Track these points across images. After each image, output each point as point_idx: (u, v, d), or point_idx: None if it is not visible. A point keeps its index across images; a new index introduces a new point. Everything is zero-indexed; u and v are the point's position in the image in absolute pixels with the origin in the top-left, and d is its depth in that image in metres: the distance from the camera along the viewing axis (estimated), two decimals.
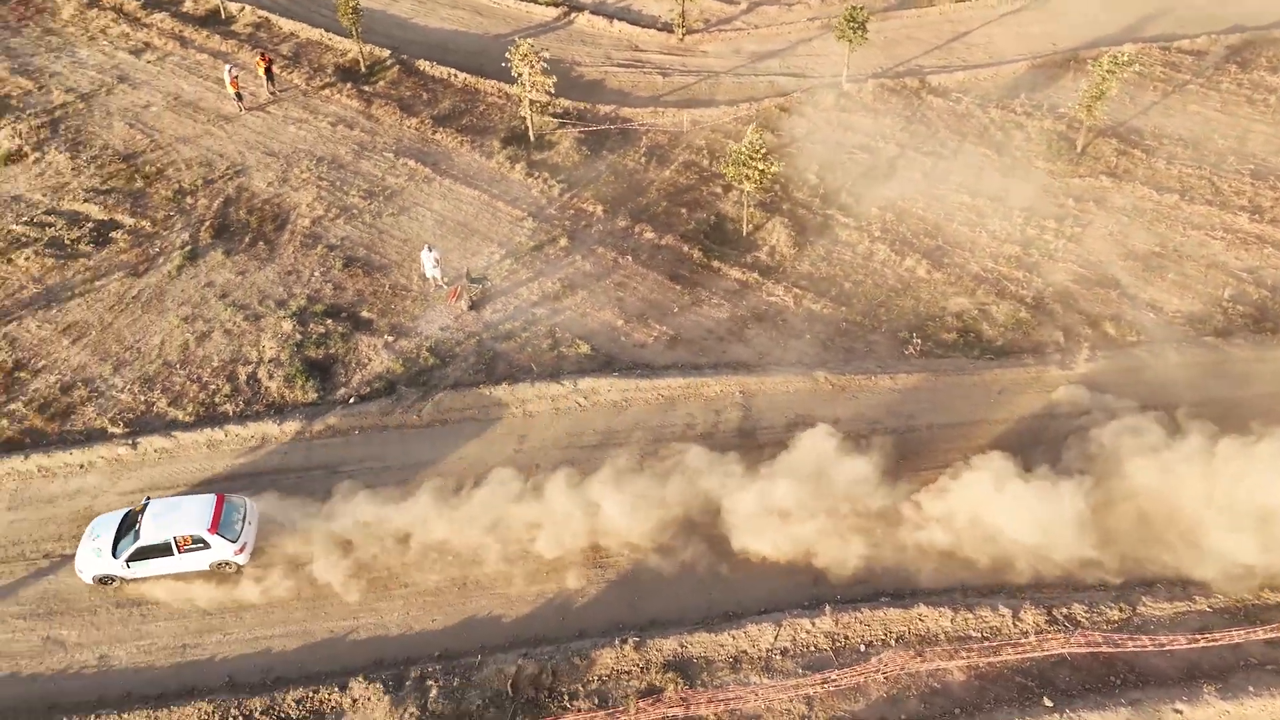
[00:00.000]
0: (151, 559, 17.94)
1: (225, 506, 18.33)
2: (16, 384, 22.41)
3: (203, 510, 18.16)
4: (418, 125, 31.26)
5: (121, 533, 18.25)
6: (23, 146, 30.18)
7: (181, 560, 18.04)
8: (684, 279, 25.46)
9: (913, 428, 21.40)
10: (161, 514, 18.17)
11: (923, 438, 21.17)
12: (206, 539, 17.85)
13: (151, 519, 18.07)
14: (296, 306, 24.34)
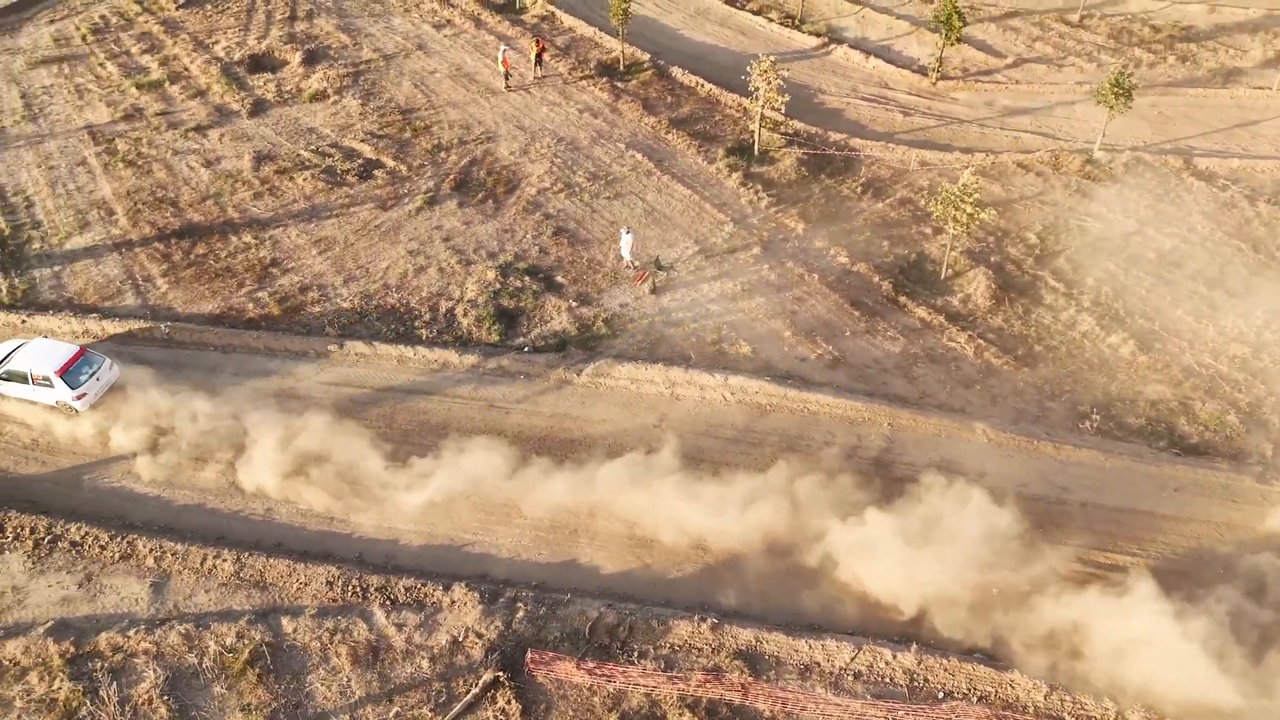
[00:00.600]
0: (14, 383, 21.36)
1: (80, 360, 21.29)
2: (268, 277, 26.35)
3: (59, 356, 21.25)
4: (655, 124, 33.19)
5: (3, 358, 21.54)
6: (327, 89, 35.25)
7: (34, 392, 21.27)
8: (865, 307, 25.35)
9: (1064, 501, 20.11)
10: (33, 351, 21.49)
11: (1072, 513, 19.84)
12: (51, 380, 20.90)
13: (23, 353, 21.48)
14: (504, 260, 26.78)
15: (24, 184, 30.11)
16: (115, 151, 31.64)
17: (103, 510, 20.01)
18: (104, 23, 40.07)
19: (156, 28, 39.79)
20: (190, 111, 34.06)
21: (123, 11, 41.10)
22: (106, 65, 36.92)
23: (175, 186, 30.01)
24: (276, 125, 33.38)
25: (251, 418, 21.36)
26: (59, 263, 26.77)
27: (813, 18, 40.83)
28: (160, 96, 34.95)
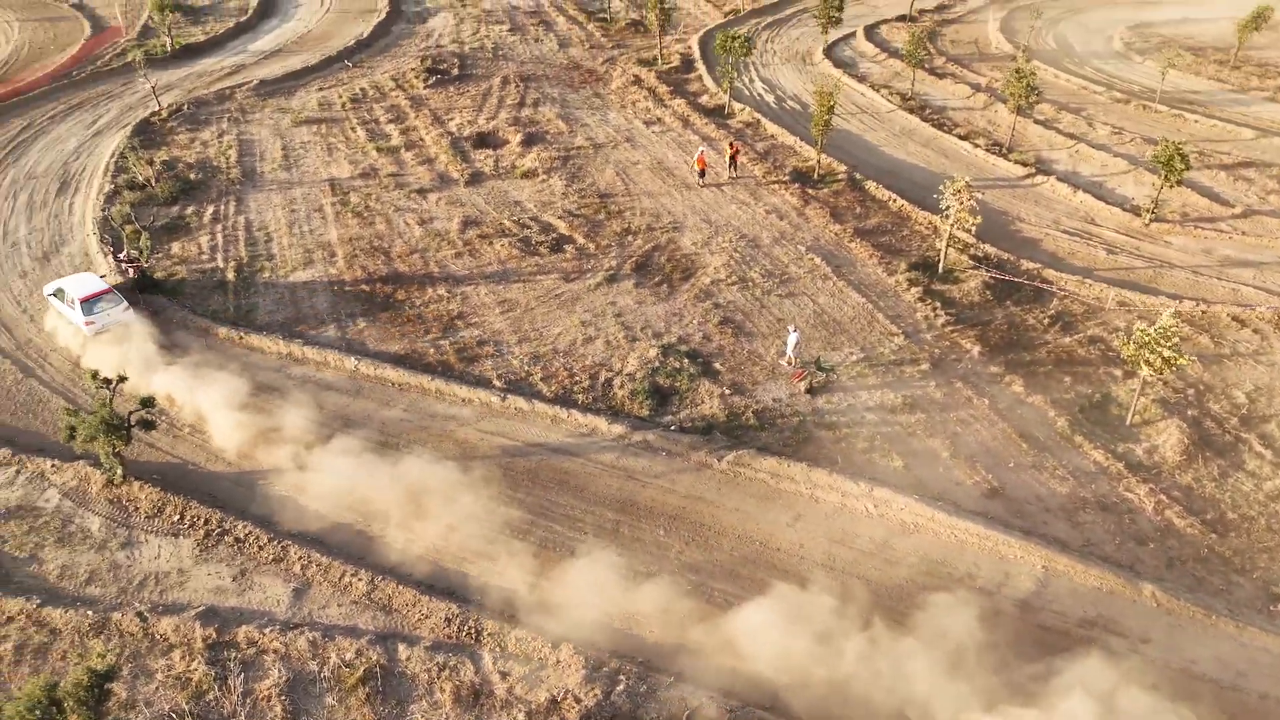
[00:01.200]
0: (60, 301, 26.79)
1: (102, 295, 26.25)
2: (452, 328, 28.32)
3: (88, 288, 26.37)
4: (839, 231, 33.38)
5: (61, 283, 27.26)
6: (538, 169, 38.04)
7: (69, 311, 26.39)
8: (1035, 441, 23.90)
9: (1240, 688, 17.73)
10: (75, 281, 26.98)
11: (1249, 704, 17.44)
12: (76, 304, 25.94)
13: (70, 280, 27.07)
14: (667, 341, 27.46)
15: (268, 221, 34.17)
16: (347, 203, 35.40)
17: (267, 513, 21.76)
18: (362, 94, 45.44)
19: (405, 102, 44.66)
20: (417, 176, 37.68)
21: (380, 86, 46.47)
22: (356, 129, 41.70)
23: (390, 238, 33.08)
24: (487, 195, 36.27)
25: (411, 461, 22.70)
26: (280, 292, 30.01)
27: (1022, 148, 40.08)
28: (395, 160, 38.95)
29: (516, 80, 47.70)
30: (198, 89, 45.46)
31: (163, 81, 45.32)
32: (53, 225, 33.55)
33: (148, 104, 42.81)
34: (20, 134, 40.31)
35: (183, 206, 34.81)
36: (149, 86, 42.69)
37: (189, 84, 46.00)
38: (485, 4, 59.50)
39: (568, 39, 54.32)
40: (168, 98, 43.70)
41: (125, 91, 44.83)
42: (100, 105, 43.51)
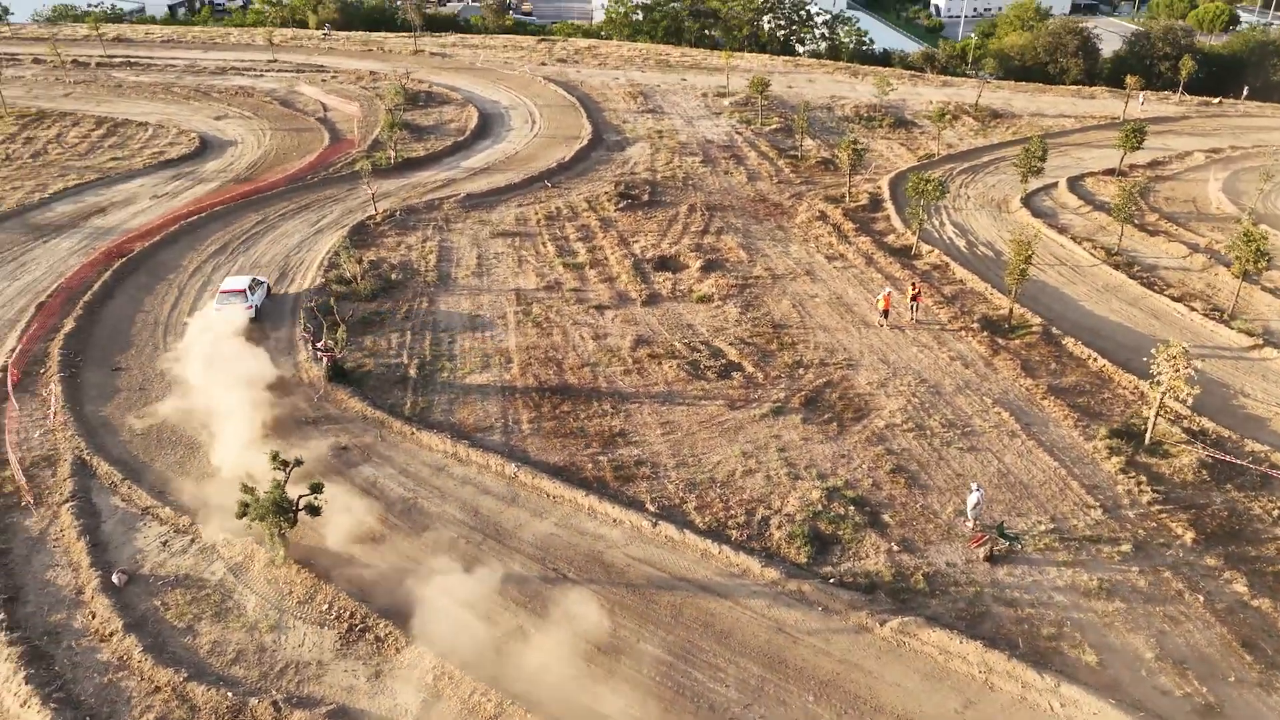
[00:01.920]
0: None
1: (255, 286, 35.36)
2: (612, 445, 28.05)
3: (244, 284, 35.08)
4: (1030, 386, 31.05)
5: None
6: (714, 294, 38.13)
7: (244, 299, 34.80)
8: (1262, 653, 20.40)
9: None
10: (238, 281, 35.29)
11: None
12: (243, 296, 34.39)
13: (233, 278, 36.14)
14: (833, 484, 25.94)
15: (454, 324, 35.76)
16: (529, 313, 36.60)
17: (408, 614, 21.58)
18: (556, 212, 47.73)
19: (595, 222, 46.48)
20: (597, 293, 38.62)
21: (574, 206, 48.72)
22: (547, 245, 43.59)
23: (564, 350, 33.71)
24: (662, 316, 36.53)
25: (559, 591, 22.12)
26: (455, 392, 30.95)
27: (1246, 315, 36.45)
28: (578, 276, 40.21)
29: (703, 209, 48.77)
30: (411, 198, 49.27)
31: (382, 189, 49.47)
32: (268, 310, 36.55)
33: (366, 209, 46.71)
34: (254, 227, 44.79)
35: (380, 303, 37.09)
36: (369, 193, 46.66)
37: (404, 193, 49.97)
38: (681, 137, 62.01)
39: (757, 173, 55.39)
40: (384, 204, 47.54)
41: (349, 196, 49.20)
42: (326, 207, 47.87)
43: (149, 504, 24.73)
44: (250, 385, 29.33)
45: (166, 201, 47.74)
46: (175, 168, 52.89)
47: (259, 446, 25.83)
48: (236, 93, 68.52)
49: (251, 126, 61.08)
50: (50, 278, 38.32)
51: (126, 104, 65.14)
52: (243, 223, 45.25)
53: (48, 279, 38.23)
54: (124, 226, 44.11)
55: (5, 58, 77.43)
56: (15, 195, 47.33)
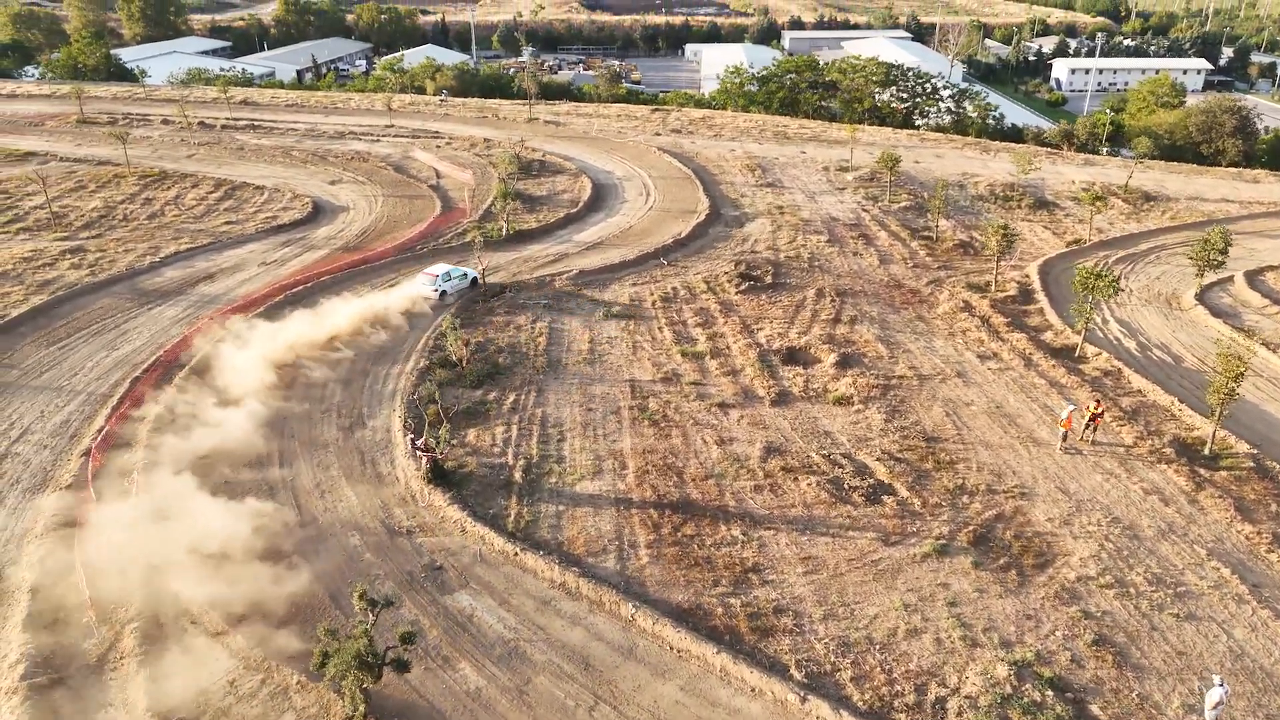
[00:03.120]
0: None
1: (451, 272, 42.65)
2: (745, 583, 23.91)
3: (438, 269, 42.56)
4: (1251, 535, 25.65)
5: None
6: (853, 396, 33.88)
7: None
8: None
9: None
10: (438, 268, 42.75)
11: None
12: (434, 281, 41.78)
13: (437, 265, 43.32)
14: (1020, 656, 21.15)
15: (564, 418, 32.49)
16: (645, 409, 33.07)
17: None
18: (673, 293, 44.47)
19: (714, 305, 42.98)
20: (720, 388, 34.88)
21: (691, 287, 45.40)
22: (663, 329, 40.22)
23: (685, 456, 29.94)
24: (795, 420, 32.48)
25: None
26: (565, 502, 27.43)
27: None
28: (699, 368, 36.59)
29: (833, 294, 44.77)
30: (522, 273, 46.87)
31: (493, 262, 47.26)
32: (366, 394, 34.00)
33: None
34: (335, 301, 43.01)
35: (486, 391, 34.18)
36: (480, 268, 44.33)
37: (515, 266, 47.63)
38: (803, 213, 58.41)
39: (889, 255, 51.19)
40: (494, 277, 45.20)
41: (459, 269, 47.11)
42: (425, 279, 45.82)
43: (220, 630, 21.76)
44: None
45: (274, 269, 46.54)
46: (286, 233, 52.04)
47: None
48: (352, 158, 68.47)
49: (365, 192, 60.37)
50: (150, 348, 36.84)
51: (246, 166, 65.64)
52: (352, 292, 43.48)
53: (147, 350, 36.76)
54: (229, 295, 42.83)
55: (136, 118, 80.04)
56: (127, 258, 46.90)
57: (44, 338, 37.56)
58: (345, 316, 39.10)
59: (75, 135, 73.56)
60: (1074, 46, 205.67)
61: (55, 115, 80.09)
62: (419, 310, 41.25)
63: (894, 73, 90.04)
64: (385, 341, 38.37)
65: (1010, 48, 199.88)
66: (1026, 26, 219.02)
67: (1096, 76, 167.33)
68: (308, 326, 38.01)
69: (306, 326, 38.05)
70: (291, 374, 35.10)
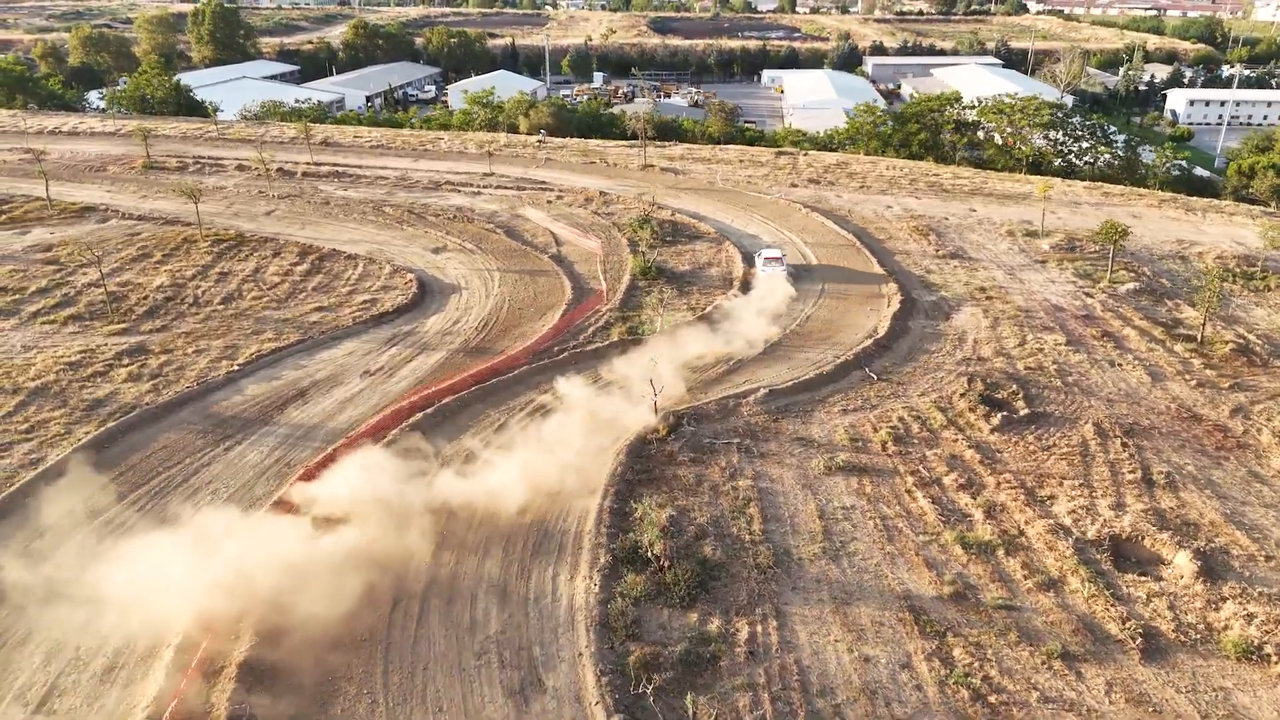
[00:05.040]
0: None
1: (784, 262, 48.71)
2: None
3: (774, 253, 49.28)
4: None
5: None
6: (1259, 640, 22.46)
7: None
8: None
9: None
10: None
11: None
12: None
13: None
14: None
15: (830, 674, 21.72)
16: (949, 661, 22.10)
17: None
18: (903, 427, 33.42)
19: (968, 451, 31.83)
20: (1043, 614, 23.79)
21: (923, 416, 34.33)
22: (915, 494, 29.26)
23: None
24: (1190, 691, 21.22)
25: None
26: None
27: None
28: (994, 571, 25.54)
29: (1118, 433, 33.33)
30: (694, 387, 36.25)
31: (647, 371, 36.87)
32: (532, 621, 23.49)
33: (636, 402, 33.88)
34: (492, 431, 32.71)
35: (703, 614, 23.54)
36: (652, 395, 33.57)
37: (680, 377, 36.94)
38: (1016, 298, 46.97)
39: (1155, 367, 39.49)
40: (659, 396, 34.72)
41: (611, 383, 36.64)
42: (573, 397, 35.44)
43: None
44: None
45: (381, 382, 36.54)
46: (390, 324, 42.19)
47: None
48: (454, 216, 58.71)
49: (475, 264, 50.42)
50: (226, 522, 26.85)
51: (333, 227, 56.23)
52: (478, 426, 33.25)
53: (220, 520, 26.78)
54: (327, 427, 32.88)
55: (209, 163, 71.41)
56: (200, 362, 37.31)
57: (82, 508, 27.79)
58: (512, 478, 28.76)
59: (140, 184, 65.02)
60: (1189, 76, 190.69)
61: (119, 158, 71.93)
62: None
63: (1058, 113, 77.91)
64: (549, 511, 27.94)
65: (1119, 76, 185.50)
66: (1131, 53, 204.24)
67: (1219, 109, 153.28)
68: (439, 493, 27.87)
69: (438, 493, 27.86)
70: (425, 573, 24.85)
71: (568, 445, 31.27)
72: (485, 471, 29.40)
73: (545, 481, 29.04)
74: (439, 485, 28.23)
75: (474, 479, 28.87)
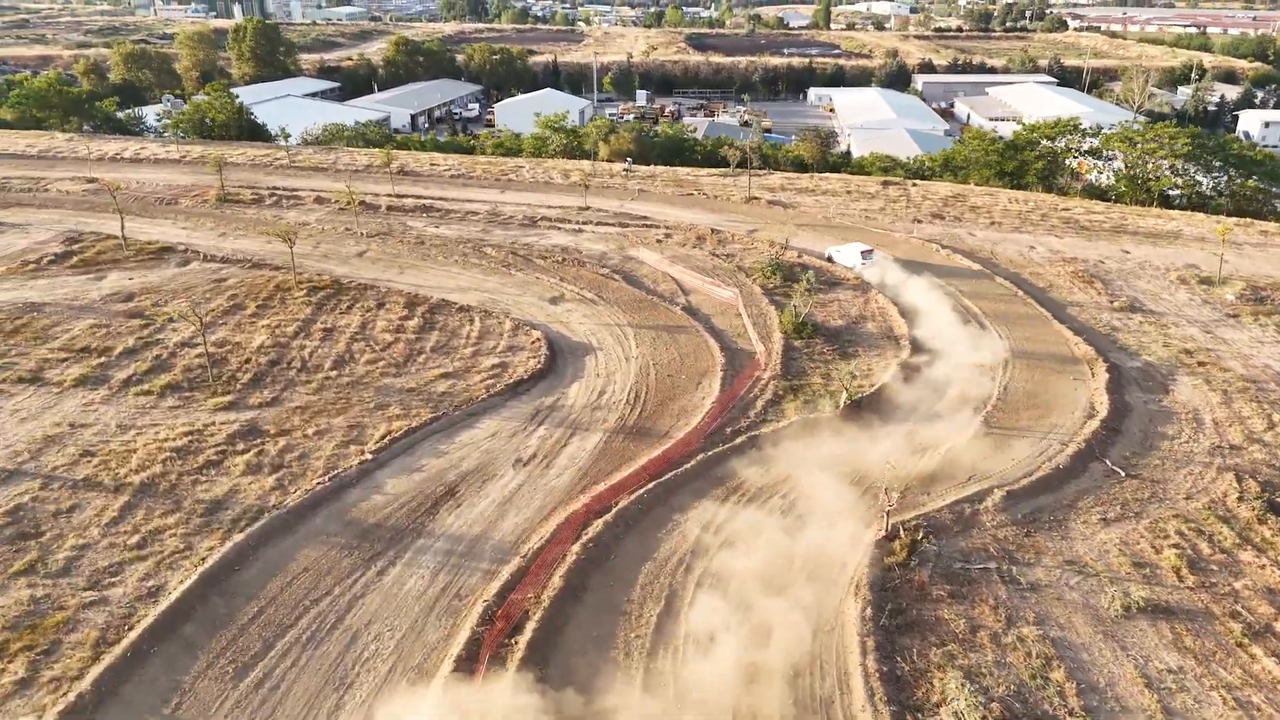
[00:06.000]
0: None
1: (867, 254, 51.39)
2: None
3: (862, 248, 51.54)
4: None
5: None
6: None
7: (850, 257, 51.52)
8: None
9: None
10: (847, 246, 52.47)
11: None
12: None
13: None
14: None
15: None
16: None
17: None
18: (1189, 546, 27.40)
19: None
20: None
21: (1205, 530, 28.31)
22: (1251, 649, 23.30)
23: None
24: None
25: None
26: None
27: None
28: None
29: None
30: (912, 487, 30.43)
31: (849, 463, 31.15)
32: None
33: (856, 518, 28.09)
34: (679, 553, 27.03)
35: None
36: (886, 508, 27.68)
37: (881, 472, 31.12)
38: (1232, 365, 40.83)
39: None
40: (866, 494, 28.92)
41: (803, 480, 30.92)
42: (772, 500, 29.77)
43: None
44: None
45: (538, 474, 30.96)
46: (529, 396, 36.66)
47: None
48: (563, 259, 53.23)
49: (602, 317, 44.86)
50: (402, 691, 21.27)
51: (435, 272, 50.86)
52: (673, 540, 27.58)
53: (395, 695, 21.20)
54: (492, 539, 27.31)
55: (285, 195, 66.34)
56: (324, 446, 31.89)
57: (224, 659, 22.28)
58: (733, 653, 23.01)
59: (216, 220, 59.99)
60: (1260, 96, 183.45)
61: (189, 189, 67.06)
62: None
63: (1199, 142, 71.65)
64: None
65: (1188, 96, 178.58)
66: (1201, 73, 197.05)
67: None
68: None
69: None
70: None
71: (785, 570, 25.58)
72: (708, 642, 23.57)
73: (779, 644, 23.26)
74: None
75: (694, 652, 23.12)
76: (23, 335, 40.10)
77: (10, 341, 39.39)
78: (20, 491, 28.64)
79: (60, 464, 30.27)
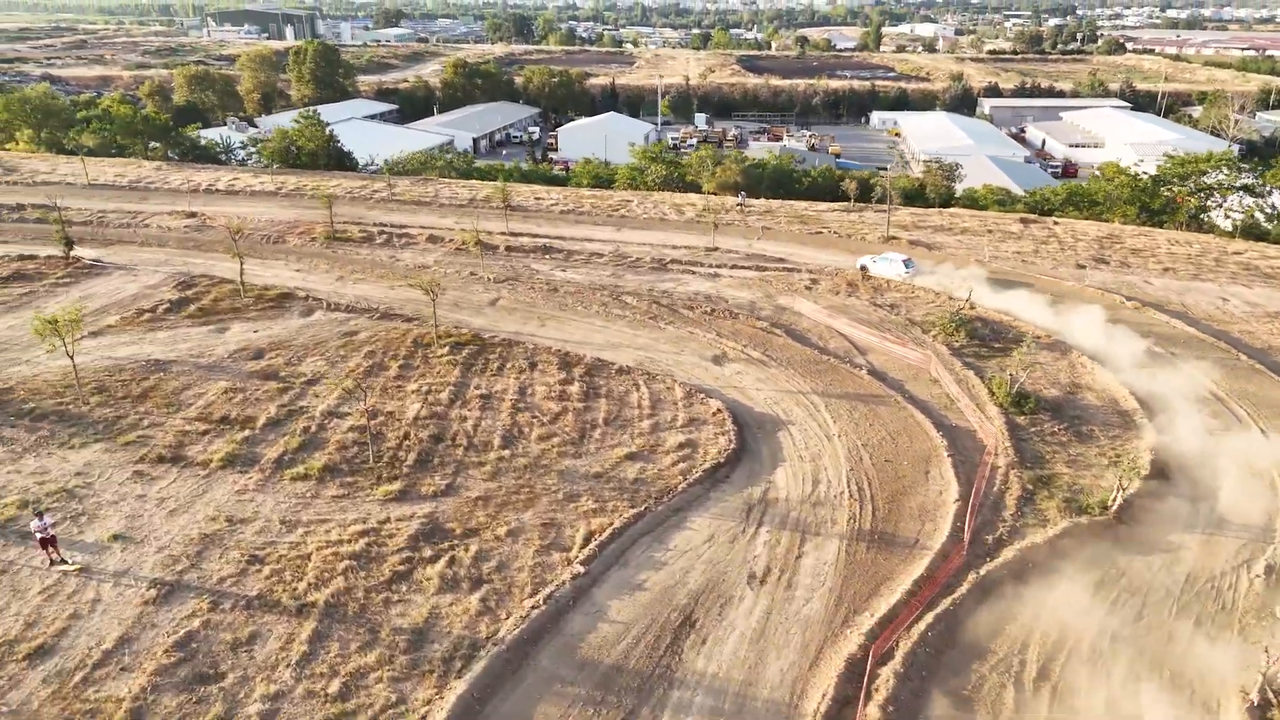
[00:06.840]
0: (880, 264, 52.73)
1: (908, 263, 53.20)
2: None
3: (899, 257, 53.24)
4: None
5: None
6: None
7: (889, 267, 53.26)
8: None
9: None
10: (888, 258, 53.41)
11: None
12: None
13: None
14: None
15: None
16: None
17: None
18: None
19: None
20: None
21: None
22: None
23: None
24: None
25: None
26: None
27: None
28: None
29: None
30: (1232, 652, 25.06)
31: (1136, 591, 25.84)
32: None
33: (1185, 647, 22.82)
34: None
35: None
36: (1268, 665, 22.39)
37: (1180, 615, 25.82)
38: None
39: None
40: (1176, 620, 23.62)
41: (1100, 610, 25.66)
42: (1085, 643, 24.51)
43: None
44: None
45: (783, 599, 25.91)
46: (730, 485, 31.75)
47: None
48: (711, 310, 48.39)
49: (777, 382, 39.87)
50: None
51: (577, 323, 46.23)
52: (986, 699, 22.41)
53: None
54: (760, 697, 22.28)
55: (395, 232, 62.16)
56: (522, 552, 27.14)
57: None
58: None
59: (330, 261, 55.87)
60: None
61: (293, 225, 63.15)
62: None
63: None
64: None
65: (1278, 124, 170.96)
66: (1264, 97, 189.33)
67: None
68: None
69: None
70: None
71: None
72: None
73: None
74: None
75: None
76: (153, 400, 35.87)
77: (141, 409, 35.16)
78: (188, 613, 24.11)
79: (227, 574, 25.74)
